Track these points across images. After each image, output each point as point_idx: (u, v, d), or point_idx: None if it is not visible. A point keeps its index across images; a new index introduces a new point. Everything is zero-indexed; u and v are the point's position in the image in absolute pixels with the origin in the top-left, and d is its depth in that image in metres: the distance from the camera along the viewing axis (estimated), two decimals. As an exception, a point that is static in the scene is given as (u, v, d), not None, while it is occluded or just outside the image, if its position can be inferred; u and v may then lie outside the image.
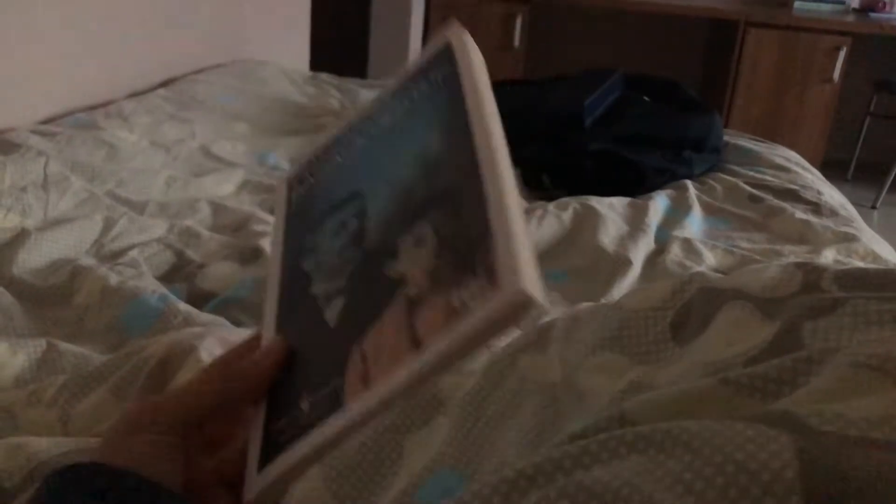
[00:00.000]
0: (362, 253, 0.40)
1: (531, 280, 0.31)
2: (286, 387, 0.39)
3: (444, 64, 0.44)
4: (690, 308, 0.56)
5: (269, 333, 0.43)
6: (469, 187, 0.36)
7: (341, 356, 0.37)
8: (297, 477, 0.37)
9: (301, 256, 0.45)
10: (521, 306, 0.30)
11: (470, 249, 0.34)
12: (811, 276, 0.52)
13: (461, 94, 0.41)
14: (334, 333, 0.39)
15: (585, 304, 0.69)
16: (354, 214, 0.42)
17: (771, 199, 1.33)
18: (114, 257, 1.01)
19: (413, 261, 0.37)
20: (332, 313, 0.39)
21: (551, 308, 0.98)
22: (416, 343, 0.33)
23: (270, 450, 0.38)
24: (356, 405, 0.34)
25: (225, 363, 0.40)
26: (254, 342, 0.43)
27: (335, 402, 0.36)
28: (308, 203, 0.47)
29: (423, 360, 0.32)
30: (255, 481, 0.37)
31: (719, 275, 0.58)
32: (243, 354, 0.41)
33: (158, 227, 1.11)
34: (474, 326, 0.31)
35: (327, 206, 0.45)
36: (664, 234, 1.20)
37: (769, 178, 1.45)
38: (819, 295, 0.50)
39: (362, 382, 0.35)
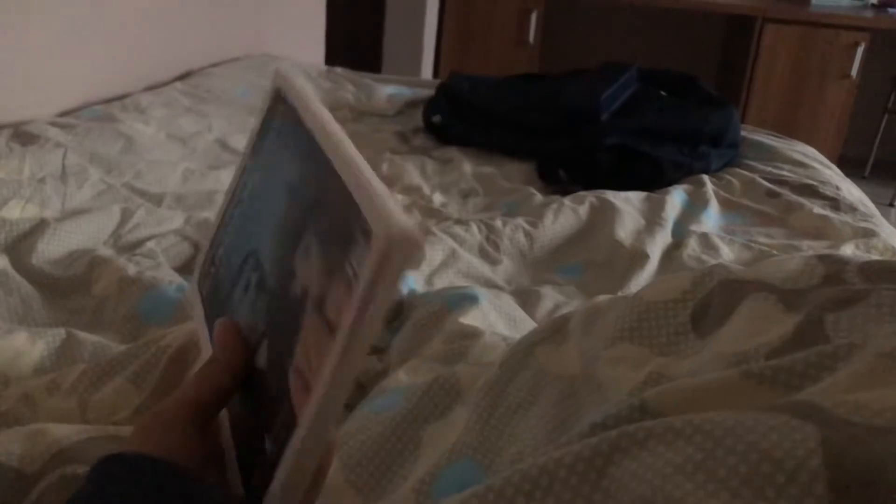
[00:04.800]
0: (268, 295, 0.41)
1: (401, 221, 0.31)
2: (245, 443, 0.39)
3: (280, 106, 0.46)
4: (711, 300, 0.55)
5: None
6: (331, 184, 0.37)
7: (283, 384, 0.37)
8: None
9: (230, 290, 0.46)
10: (400, 246, 0.31)
11: (347, 225, 0.34)
12: (834, 267, 0.52)
13: (303, 122, 0.43)
14: (269, 373, 0.39)
15: (603, 297, 0.69)
16: (253, 269, 0.43)
17: (789, 195, 1.32)
18: (131, 248, 1.02)
19: (308, 271, 0.37)
20: (262, 359, 0.40)
21: (568, 302, 0.98)
22: (331, 330, 0.33)
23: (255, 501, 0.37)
24: (305, 415, 0.34)
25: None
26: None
27: (290, 425, 0.35)
28: (215, 291, 0.48)
29: (341, 340, 0.33)
30: None
31: (740, 266, 0.57)
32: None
33: (175, 219, 1.11)
34: (369, 285, 0.32)
35: (230, 283, 0.46)
36: (681, 228, 1.19)
37: (787, 173, 1.43)
38: (842, 287, 0.49)
39: (304, 391, 0.35)
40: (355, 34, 3.39)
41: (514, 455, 0.54)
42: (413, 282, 0.96)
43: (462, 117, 1.64)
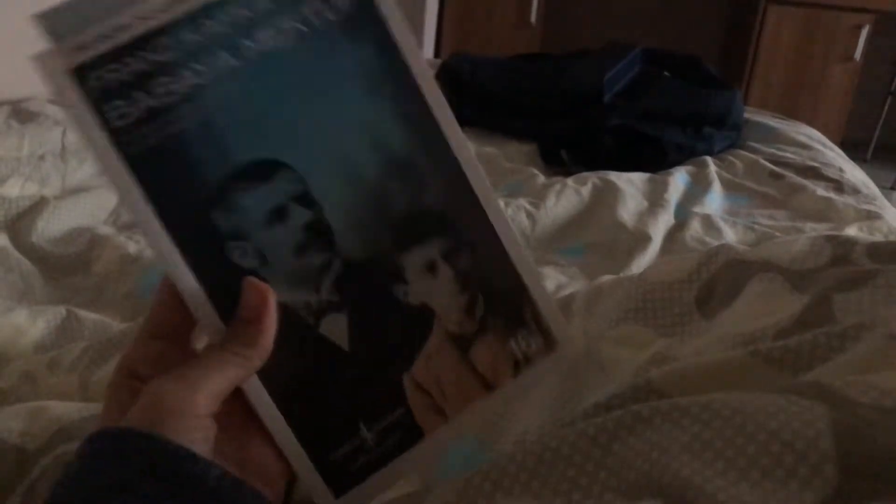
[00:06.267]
0: (338, 260, 0.37)
1: (576, 337, 0.38)
2: (316, 411, 0.38)
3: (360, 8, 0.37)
4: (717, 281, 0.55)
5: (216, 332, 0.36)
6: (471, 217, 0.39)
7: (389, 385, 0.39)
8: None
9: (211, 239, 0.35)
10: (574, 357, 0.40)
11: (509, 299, 0.40)
12: (841, 248, 0.52)
13: (392, 45, 0.37)
14: (355, 358, 0.38)
15: (607, 277, 0.68)
16: (294, 198, 0.36)
17: (792, 177, 1.31)
18: (131, 227, 1.01)
19: (432, 291, 0.39)
20: (334, 331, 0.38)
21: (570, 283, 0.98)
22: (487, 385, 0.40)
23: (339, 476, 0.38)
24: (441, 435, 0.39)
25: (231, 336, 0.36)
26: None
27: (409, 431, 0.39)
28: (169, 151, 0.34)
29: (497, 399, 0.40)
30: None
31: (746, 247, 0.57)
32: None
33: (175, 198, 1.11)
34: (538, 374, 0.40)
35: (223, 167, 0.35)
36: (684, 210, 1.19)
37: (790, 155, 1.43)
38: (850, 267, 0.49)
39: (436, 413, 0.39)
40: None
41: (518, 435, 0.54)
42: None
43: (463, 98, 1.63)
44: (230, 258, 0.35)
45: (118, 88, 0.34)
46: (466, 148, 0.38)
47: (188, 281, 0.35)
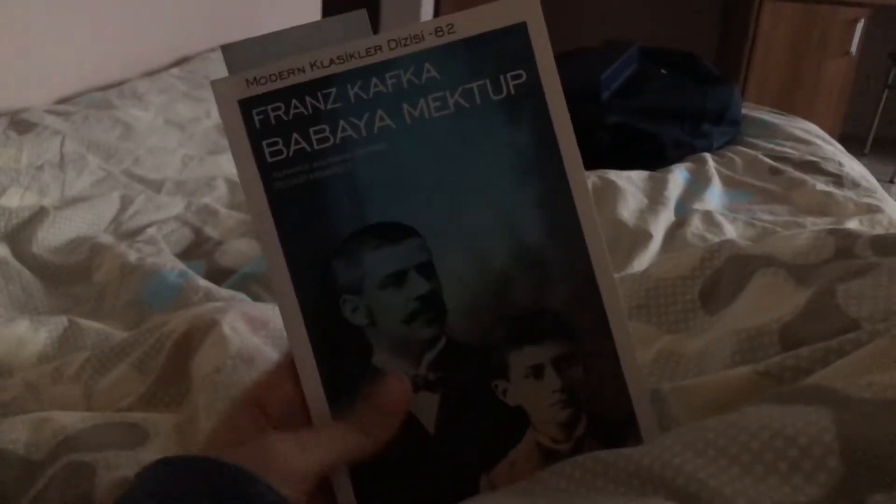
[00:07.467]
0: (445, 340, 0.36)
1: None
2: (384, 486, 0.36)
3: (518, 58, 0.37)
4: (721, 276, 0.55)
5: (316, 396, 0.36)
6: (593, 329, 0.36)
7: (465, 480, 0.36)
8: None
9: (326, 288, 0.36)
10: None
11: (614, 428, 0.37)
12: (844, 242, 0.51)
13: (550, 134, 0.37)
14: (437, 443, 0.36)
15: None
16: (417, 268, 0.36)
17: (791, 172, 1.31)
18: (132, 235, 1.01)
19: (532, 397, 0.37)
20: (423, 410, 0.36)
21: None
22: None
23: None
24: None
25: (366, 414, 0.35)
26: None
27: None
28: (309, 194, 0.35)
29: None
30: None
31: (749, 243, 0.57)
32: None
33: (176, 205, 1.11)
34: None
35: (356, 220, 0.36)
36: (684, 207, 1.19)
37: (789, 150, 1.43)
38: (854, 260, 0.49)
39: None
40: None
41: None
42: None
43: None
44: (341, 311, 0.36)
45: (278, 127, 0.35)
46: (603, 253, 0.36)
47: (299, 329, 0.36)
